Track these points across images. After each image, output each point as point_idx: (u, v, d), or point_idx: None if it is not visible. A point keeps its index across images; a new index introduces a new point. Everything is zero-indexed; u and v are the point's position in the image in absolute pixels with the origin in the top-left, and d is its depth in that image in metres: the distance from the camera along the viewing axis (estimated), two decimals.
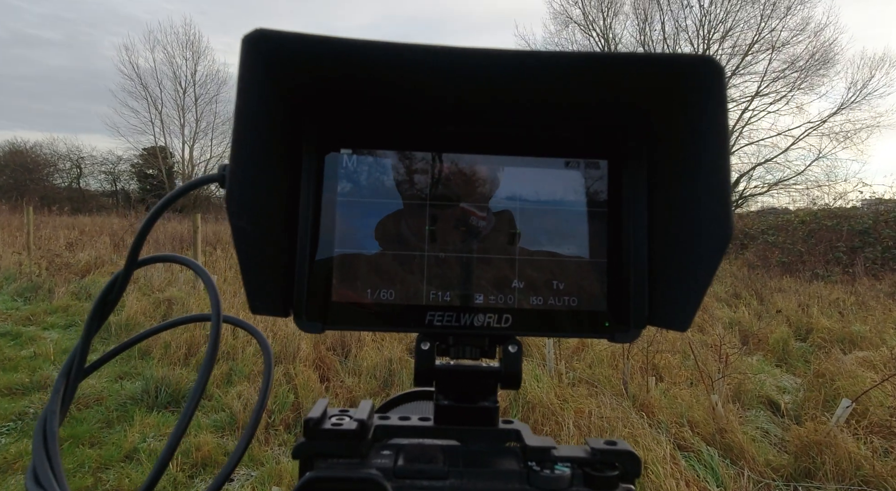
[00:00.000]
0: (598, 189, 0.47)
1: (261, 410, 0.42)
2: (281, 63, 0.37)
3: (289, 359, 4.25)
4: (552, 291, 0.45)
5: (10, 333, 5.41)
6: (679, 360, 4.50)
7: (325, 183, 0.45)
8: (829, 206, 16.31)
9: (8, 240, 11.34)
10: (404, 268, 0.45)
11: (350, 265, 0.45)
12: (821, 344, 5.29)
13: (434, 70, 0.39)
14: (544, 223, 0.46)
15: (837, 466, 2.77)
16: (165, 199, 0.41)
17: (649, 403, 3.47)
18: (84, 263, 8.62)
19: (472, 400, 0.45)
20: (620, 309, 0.46)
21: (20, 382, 4.08)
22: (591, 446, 0.42)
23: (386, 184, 0.46)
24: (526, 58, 0.36)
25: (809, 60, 19.58)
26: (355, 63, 0.38)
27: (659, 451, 2.72)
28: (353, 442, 0.40)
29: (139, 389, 3.87)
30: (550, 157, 0.47)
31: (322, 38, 0.36)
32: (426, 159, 0.46)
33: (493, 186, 0.46)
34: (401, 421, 0.45)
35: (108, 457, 3.02)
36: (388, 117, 0.46)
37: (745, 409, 3.69)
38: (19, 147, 30.13)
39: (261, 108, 0.38)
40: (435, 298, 0.45)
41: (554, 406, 3.30)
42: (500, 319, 0.45)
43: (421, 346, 0.45)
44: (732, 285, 8.65)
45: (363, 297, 0.45)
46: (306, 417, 0.41)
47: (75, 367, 0.42)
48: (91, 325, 0.43)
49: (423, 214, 0.45)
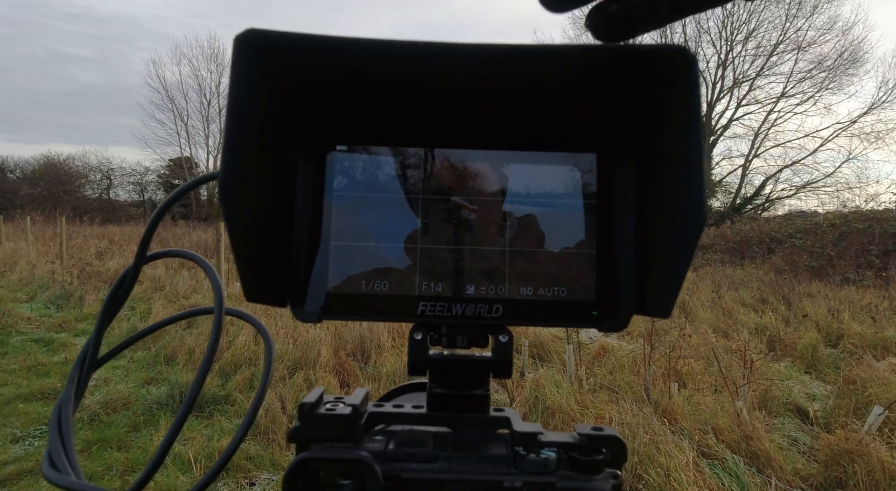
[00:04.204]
0: (587, 182, 0.47)
1: (260, 398, 0.44)
2: (272, 61, 0.39)
3: (309, 365, 4.29)
4: (542, 282, 0.46)
5: (43, 340, 5.59)
6: (703, 366, 4.40)
7: (320, 178, 0.47)
8: (861, 208, 15.86)
9: (42, 249, 11.73)
10: (397, 260, 0.46)
11: (345, 257, 0.46)
12: (852, 350, 5.12)
13: (421, 66, 0.40)
14: (534, 216, 0.47)
15: (870, 476, 2.67)
16: (169, 198, 0.43)
17: (672, 410, 3.41)
18: (113, 272, 8.86)
19: (465, 388, 0.46)
20: (609, 299, 0.46)
21: (52, 387, 4.21)
22: (579, 432, 0.43)
23: (380, 178, 0.47)
24: (508, 51, 0.37)
25: (837, 60, 19.17)
26: (345, 60, 0.40)
27: (682, 458, 2.67)
28: (346, 426, 0.41)
29: (164, 393, 3.95)
30: (540, 151, 0.48)
31: (311, 37, 0.37)
32: (418, 154, 0.47)
33: (483, 180, 0.47)
34: (394, 408, 0.46)
35: (135, 460, 3.09)
36: (381, 113, 0.47)
37: (772, 416, 3.59)
38: (53, 160, 31.28)
39: (253, 107, 0.39)
40: (427, 288, 0.46)
41: (574, 412, 3.27)
42: (491, 309, 0.46)
43: (414, 335, 0.46)
44: (759, 290, 8.44)
45: (358, 288, 0.46)
46: (301, 402, 0.42)
47: (89, 358, 0.45)
48: (103, 318, 0.45)
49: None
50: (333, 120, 0.47)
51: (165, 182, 31.91)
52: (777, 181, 20.84)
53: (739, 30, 20.27)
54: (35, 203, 27.44)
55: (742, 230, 14.44)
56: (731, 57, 20.60)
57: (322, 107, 0.46)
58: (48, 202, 26.76)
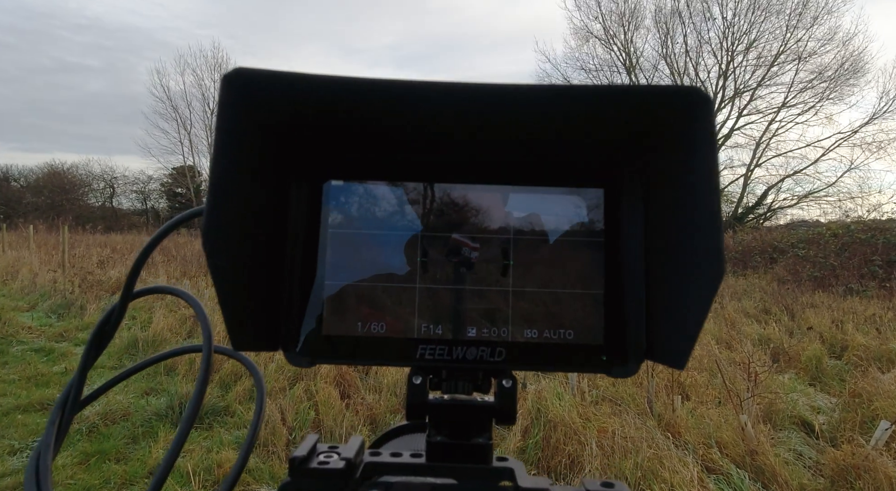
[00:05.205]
0: (594, 218, 0.46)
1: (250, 445, 0.42)
2: (259, 100, 0.38)
3: (310, 376, 4.26)
4: (547, 324, 0.44)
5: (43, 349, 5.57)
6: (706, 378, 4.36)
7: (314, 214, 0.45)
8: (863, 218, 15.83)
9: (44, 258, 11.75)
10: (395, 300, 0.44)
11: (340, 297, 0.44)
12: (857, 362, 5.08)
13: (412, 105, 0.39)
14: (538, 253, 0.45)
15: None
16: (154, 237, 0.42)
17: (675, 423, 3.38)
18: (115, 281, 8.86)
19: (466, 436, 0.44)
20: (617, 342, 0.44)
21: (52, 398, 4.19)
22: (587, 488, 0.41)
23: (377, 215, 0.45)
24: (507, 91, 0.36)
25: (838, 70, 19.22)
26: (332, 100, 0.39)
27: (686, 473, 2.63)
28: (339, 481, 0.40)
29: (164, 405, 3.93)
30: (545, 187, 0.46)
31: (298, 76, 0.36)
32: (417, 189, 0.46)
33: (485, 217, 0.46)
34: (392, 457, 0.44)
35: (133, 473, 3.07)
36: (376, 149, 0.46)
37: (776, 430, 3.55)
38: (57, 168, 31.47)
39: (240, 145, 0.38)
40: (426, 331, 0.44)
41: (576, 425, 3.23)
42: (494, 353, 0.44)
43: (413, 380, 0.43)
44: (762, 300, 8.40)
45: (354, 330, 0.44)
46: (291, 456, 0.40)
47: (71, 399, 0.43)
48: (88, 356, 0.43)
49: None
50: (327, 155, 0.46)
51: (168, 191, 32.05)
52: (779, 191, 20.84)
53: (740, 40, 20.38)
54: (38, 211, 27.56)
55: (744, 240, 14.40)
56: (731, 67, 20.68)
57: (314, 144, 0.45)
58: (51, 211, 26.88)
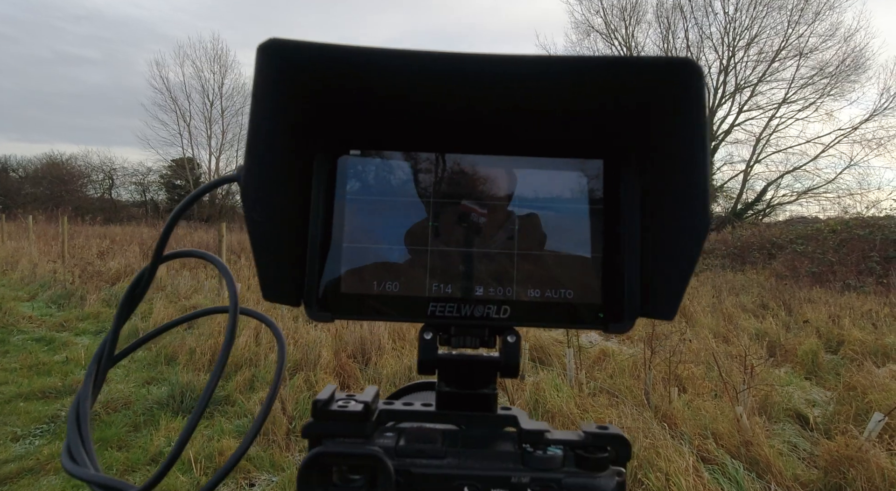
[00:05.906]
0: (593, 187, 0.49)
1: (273, 396, 0.45)
2: (293, 70, 0.40)
3: (310, 366, 4.29)
4: (549, 284, 0.48)
5: (44, 339, 5.60)
6: (703, 370, 4.41)
7: (335, 182, 0.48)
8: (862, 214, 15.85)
9: (44, 249, 11.76)
10: (409, 262, 0.48)
11: (357, 259, 0.48)
12: (852, 356, 5.12)
13: (436, 75, 0.41)
14: (542, 220, 0.48)
15: (869, 483, 2.67)
16: (188, 199, 0.44)
17: (672, 414, 3.41)
18: (114, 272, 8.88)
19: (473, 387, 0.47)
20: (615, 302, 0.47)
21: (53, 386, 4.22)
22: (584, 430, 0.44)
23: (392, 182, 0.49)
24: (519, 61, 0.39)
25: (839, 66, 19.17)
26: (364, 70, 0.41)
27: (681, 462, 2.67)
28: (357, 423, 0.42)
29: (165, 393, 3.96)
30: (549, 157, 0.49)
31: (332, 47, 0.39)
32: (430, 159, 0.49)
33: (493, 185, 0.49)
34: (404, 406, 0.47)
35: (135, 460, 3.10)
36: (395, 119, 0.48)
37: (772, 422, 3.59)
38: (56, 159, 31.36)
39: (274, 113, 0.41)
40: (437, 290, 0.47)
41: (574, 416, 3.27)
42: (500, 311, 0.47)
43: (424, 335, 0.47)
44: (759, 295, 8.44)
45: (370, 288, 0.47)
46: (314, 399, 0.43)
47: (106, 354, 0.46)
48: (120, 316, 0.46)
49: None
50: (349, 125, 0.49)
51: (167, 182, 31.98)
52: (778, 187, 20.83)
53: (741, 36, 20.32)
54: (37, 202, 27.52)
55: (743, 235, 14.44)
56: (733, 63, 20.63)
57: (339, 113, 0.47)
58: (50, 201, 26.83)
